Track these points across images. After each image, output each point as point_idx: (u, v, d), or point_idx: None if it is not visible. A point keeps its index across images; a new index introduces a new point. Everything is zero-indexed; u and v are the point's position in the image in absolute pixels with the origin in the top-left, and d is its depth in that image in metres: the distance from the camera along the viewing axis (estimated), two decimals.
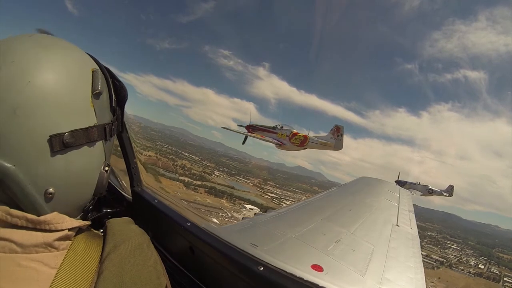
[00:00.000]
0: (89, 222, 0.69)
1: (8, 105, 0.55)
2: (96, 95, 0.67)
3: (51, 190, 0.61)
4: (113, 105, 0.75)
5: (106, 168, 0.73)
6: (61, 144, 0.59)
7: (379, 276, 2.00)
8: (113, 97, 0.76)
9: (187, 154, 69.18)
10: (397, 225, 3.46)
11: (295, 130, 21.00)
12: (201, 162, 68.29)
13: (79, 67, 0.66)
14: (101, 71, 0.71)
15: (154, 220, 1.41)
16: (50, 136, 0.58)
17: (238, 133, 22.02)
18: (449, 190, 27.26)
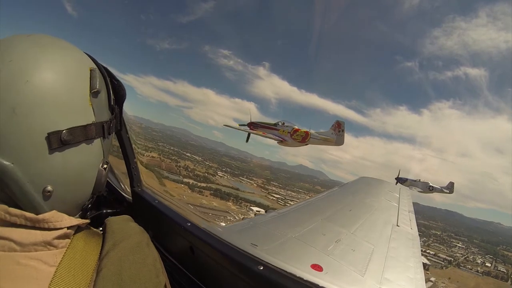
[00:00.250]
0: (88, 220, 0.69)
1: (7, 104, 0.55)
2: (94, 94, 0.67)
3: (49, 188, 0.61)
4: (112, 103, 0.75)
5: (105, 166, 0.73)
6: (59, 142, 0.59)
7: (379, 276, 2.00)
8: (112, 95, 0.76)
9: (189, 155, 68.55)
10: (397, 225, 3.46)
11: (296, 127, 20.87)
12: (203, 163, 67.58)
13: (77, 66, 0.66)
14: (99, 70, 0.71)
15: (154, 221, 1.42)
16: (48, 133, 0.58)
17: (240, 130, 21.95)
18: (450, 187, 26.91)
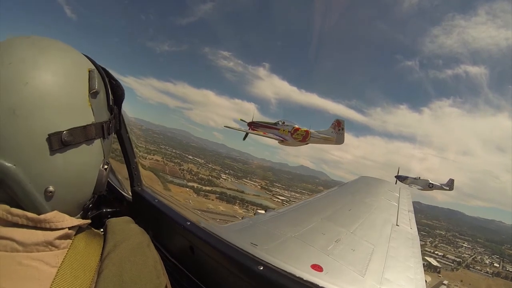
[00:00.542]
0: (89, 221, 0.70)
1: (7, 106, 0.56)
2: (93, 94, 0.68)
3: (51, 188, 0.61)
4: (110, 103, 0.76)
5: (105, 166, 0.73)
6: (60, 143, 0.60)
7: (379, 276, 2.00)
8: (110, 96, 0.76)
9: (191, 157, 68.25)
10: (397, 224, 3.46)
11: (296, 126, 20.91)
12: (206, 165, 67.21)
13: (75, 67, 0.67)
14: (97, 71, 0.72)
15: (154, 220, 1.41)
16: (49, 134, 0.59)
17: (240, 131, 22.01)
18: (450, 184, 26.74)
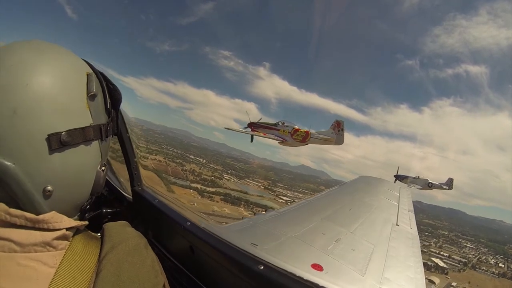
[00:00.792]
0: (86, 222, 0.71)
1: (7, 106, 0.58)
2: (91, 97, 0.70)
3: (49, 188, 0.63)
4: (108, 107, 0.78)
5: (103, 168, 0.75)
6: (59, 143, 0.62)
7: (379, 275, 2.00)
8: (108, 99, 0.79)
9: (193, 157, 67.68)
10: (397, 224, 3.46)
11: (296, 126, 20.93)
12: (208, 165, 66.57)
13: (74, 71, 0.69)
14: (95, 75, 0.74)
15: (154, 220, 1.42)
16: (48, 135, 0.60)
17: (241, 132, 22.06)
18: (449, 183, 26.54)
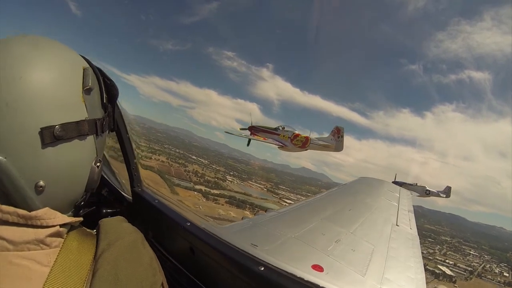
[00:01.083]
0: (81, 218, 0.69)
1: (0, 99, 0.56)
2: (87, 91, 0.68)
3: (41, 183, 0.60)
4: (104, 101, 0.76)
5: (98, 163, 0.73)
6: (52, 137, 0.60)
7: (379, 276, 2.00)
8: (104, 94, 0.76)
9: (195, 158, 67.27)
10: (396, 225, 3.46)
11: (296, 132, 21.05)
12: (210, 166, 66.10)
13: (70, 65, 0.67)
14: (92, 70, 0.72)
15: (154, 221, 1.41)
16: (41, 128, 0.58)
17: (241, 136, 22.14)
18: (447, 191, 26.40)
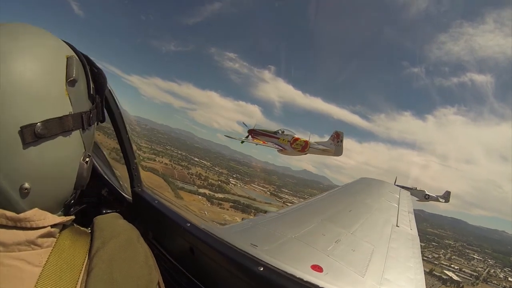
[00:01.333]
0: (73, 217, 0.67)
1: None
2: (71, 83, 0.63)
3: (26, 185, 0.57)
4: (91, 93, 0.71)
5: (87, 159, 0.69)
6: (33, 135, 0.56)
7: (379, 276, 2.00)
8: (91, 84, 0.71)
9: (197, 159, 66.60)
10: (397, 225, 3.46)
11: (296, 136, 21.13)
12: (213, 169, 65.32)
13: (51, 54, 0.62)
14: (78, 58, 0.67)
15: (154, 221, 1.42)
16: (21, 127, 0.54)
17: (240, 140, 22.30)
18: (446, 196, 26.16)
